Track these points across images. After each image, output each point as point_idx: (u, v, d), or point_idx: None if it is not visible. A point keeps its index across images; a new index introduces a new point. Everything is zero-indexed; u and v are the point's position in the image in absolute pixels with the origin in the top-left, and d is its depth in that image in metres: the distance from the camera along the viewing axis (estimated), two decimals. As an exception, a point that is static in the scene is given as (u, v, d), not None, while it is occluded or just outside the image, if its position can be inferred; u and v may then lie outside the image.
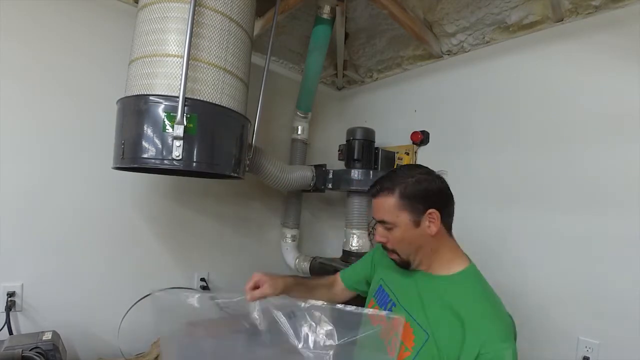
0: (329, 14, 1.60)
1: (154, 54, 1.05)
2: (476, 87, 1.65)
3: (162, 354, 1.07)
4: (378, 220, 0.87)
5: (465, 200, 1.65)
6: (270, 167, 1.54)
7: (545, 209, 1.38)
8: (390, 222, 0.84)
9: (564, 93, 1.36)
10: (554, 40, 1.40)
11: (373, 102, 2.22)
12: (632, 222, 1.17)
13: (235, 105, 1.16)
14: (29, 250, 1.33)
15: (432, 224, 0.82)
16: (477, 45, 1.66)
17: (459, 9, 1.53)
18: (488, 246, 1.55)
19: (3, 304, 1.26)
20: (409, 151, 1.87)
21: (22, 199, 1.31)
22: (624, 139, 1.21)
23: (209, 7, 1.07)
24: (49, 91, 1.35)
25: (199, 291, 1.29)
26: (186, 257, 1.73)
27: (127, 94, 1.10)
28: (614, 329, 1.19)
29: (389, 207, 0.83)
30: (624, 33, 1.23)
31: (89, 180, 1.44)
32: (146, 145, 1.03)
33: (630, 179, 1.18)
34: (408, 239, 0.84)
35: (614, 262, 1.20)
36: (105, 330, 1.48)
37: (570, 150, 1.33)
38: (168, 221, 1.66)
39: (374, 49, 1.97)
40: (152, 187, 1.60)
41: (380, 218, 0.86)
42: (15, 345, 1.09)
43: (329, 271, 1.70)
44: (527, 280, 1.41)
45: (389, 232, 0.85)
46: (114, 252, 1.51)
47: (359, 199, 1.77)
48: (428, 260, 0.88)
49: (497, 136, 1.56)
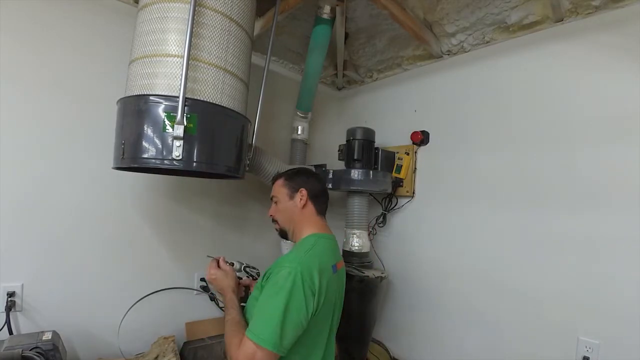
0: (329, 14, 1.60)
1: (154, 54, 1.05)
2: (476, 87, 1.65)
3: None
4: (271, 197, 1.19)
5: (465, 200, 1.65)
6: (270, 167, 1.54)
7: (546, 209, 1.38)
8: (276, 196, 1.16)
9: (564, 93, 1.36)
10: (554, 40, 1.40)
11: (373, 102, 2.22)
12: (632, 222, 1.17)
13: (235, 105, 1.16)
14: (29, 251, 1.33)
15: (301, 200, 1.12)
16: (477, 45, 1.66)
17: (459, 9, 1.53)
18: (488, 246, 1.56)
19: (3, 304, 1.26)
20: (409, 151, 1.87)
21: (22, 199, 1.31)
22: (624, 139, 1.21)
23: (209, 7, 1.07)
24: (49, 91, 1.35)
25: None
26: (186, 257, 1.72)
27: (127, 93, 1.10)
28: (614, 329, 1.19)
29: (277, 186, 1.17)
30: (624, 33, 1.23)
31: (89, 181, 1.44)
32: (146, 145, 1.03)
33: (631, 179, 1.19)
34: (284, 209, 1.14)
35: (614, 262, 1.21)
36: (105, 330, 1.48)
37: (570, 150, 1.33)
38: (168, 221, 1.66)
39: (374, 49, 1.97)
40: (152, 187, 1.60)
41: (272, 194, 1.18)
42: (15, 345, 1.09)
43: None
44: (527, 280, 1.41)
45: (275, 205, 1.16)
46: (114, 252, 1.51)
47: (359, 199, 1.77)
48: (297, 232, 1.14)
49: (497, 136, 1.56)
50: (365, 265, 1.73)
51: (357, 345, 1.72)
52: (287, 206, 1.13)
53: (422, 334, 1.80)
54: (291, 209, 1.13)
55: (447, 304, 1.69)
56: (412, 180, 1.87)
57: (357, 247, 1.74)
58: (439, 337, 1.72)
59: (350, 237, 1.76)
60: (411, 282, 1.87)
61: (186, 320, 1.69)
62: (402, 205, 1.93)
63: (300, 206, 1.11)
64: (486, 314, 1.53)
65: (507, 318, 1.46)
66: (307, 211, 1.13)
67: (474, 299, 1.59)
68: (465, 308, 1.62)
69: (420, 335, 1.81)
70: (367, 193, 1.80)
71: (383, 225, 2.00)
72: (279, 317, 0.86)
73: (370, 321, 1.70)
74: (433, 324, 1.75)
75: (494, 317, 1.51)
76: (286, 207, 1.13)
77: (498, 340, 1.49)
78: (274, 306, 0.88)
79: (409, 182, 1.87)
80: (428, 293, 1.78)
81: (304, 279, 0.91)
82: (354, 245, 1.74)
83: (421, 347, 1.80)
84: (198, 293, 1.76)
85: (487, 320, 1.53)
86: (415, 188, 1.88)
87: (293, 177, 1.16)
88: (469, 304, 1.60)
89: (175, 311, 1.68)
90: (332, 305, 1.05)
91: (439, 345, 1.72)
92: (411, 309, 1.86)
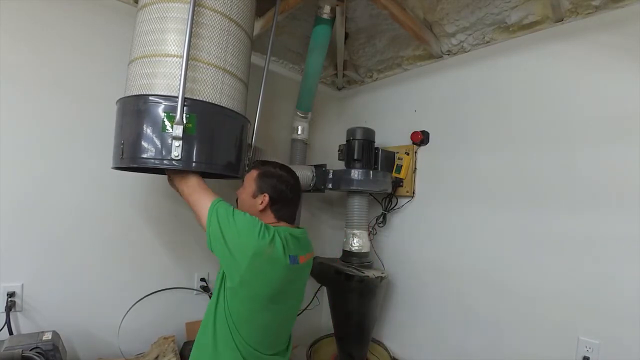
0: (329, 14, 1.60)
1: (153, 54, 1.05)
2: (476, 87, 1.65)
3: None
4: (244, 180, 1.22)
5: (465, 200, 1.65)
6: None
7: (546, 209, 1.37)
8: (244, 185, 1.19)
9: (564, 93, 1.36)
10: (554, 40, 1.40)
11: (373, 102, 2.22)
12: (632, 222, 1.17)
13: (234, 105, 1.16)
14: (29, 251, 1.33)
15: (261, 204, 1.13)
16: (477, 45, 1.66)
17: (459, 9, 1.52)
18: (488, 246, 1.55)
19: (3, 304, 1.26)
20: (409, 151, 1.87)
21: (22, 199, 1.31)
22: (624, 139, 1.21)
23: (208, 7, 1.07)
24: (49, 91, 1.35)
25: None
26: (186, 257, 1.73)
27: (126, 93, 1.10)
28: (614, 329, 1.19)
29: (249, 177, 1.18)
30: (624, 33, 1.23)
31: (89, 181, 1.44)
32: (145, 145, 1.03)
33: (631, 179, 1.18)
34: (245, 200, 1.17)
35: (614, 262, 1.20)
36: (105, 330, 1.48)
37: (570, 150, 1.33)
38: (168, 221, 1.66)
39: (374, 49, 1.97)
40: (152, 187, 1.60)
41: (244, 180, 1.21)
42: (15, 345, 1.09)
43: (328, 271, 1.70)
44: (527, 280, 1.41)
45: (242, 189, 1.20)
46: (114, 252, 1.51)
47: (359, 199, 1.77)
48: None
49: (497, 136, 1.55)
50: (365, 265, 1.73)
51: (357, 345, 1.72)
52: (247, 201, 1.16)
53: (422, 334, 1.80)
54: (250, 205, 1.15)
55: (447, 304, 1.69)
56: (412, 180, 1.87)
57: (357, 247, 1.74)
58: (439, 337, 1.72)
59: (350, 237, 1.76)
60: (411, 282, 1.87)
61: (186, 320, 1.69)
62: (402, 205, 1.93)
63: (259, 209, 1.13)
64: (486, 313, 1.53)
65: (507, 318, 1.46)
66: (264, 215, 1.14)
67: (474, 298, 1.58)
68: (465, 308, 1.62)
69: (420, 335, 1.81)
70: (367, 193, 1.80)
71: (383, 225, 2.00)
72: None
73: (370, 321, 1.70)
74: (433, 324, 1.75)
75: (494, 317, 1.50)
76: (246, 201, 1.16)
77: (498, 340, 1.49)
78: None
79: (409, 182, 1.87)
80: (428, 293, 1.78)
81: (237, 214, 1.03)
82: (353, 245, 1.74)
83: (421, 347, 1.80)
84: (198, 293, 1.76)
85: (487, 320, 1.53)
86: (415, 188, 1.88)
87: (265, 177, 1.15)
88: (469, 304, 1.60)
89: (175, 311, 1.68)
90: (277, 290, 1.07)
91: (439, 345, 1.72)
92: (411, 309, 1.86)
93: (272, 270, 1.03)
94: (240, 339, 1.04)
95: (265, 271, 1.02)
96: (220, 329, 1.05)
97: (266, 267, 1.01)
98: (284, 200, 1.16)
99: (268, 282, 1.04)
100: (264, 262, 1.00)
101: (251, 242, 0.98)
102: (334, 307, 1.75)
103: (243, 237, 0.99)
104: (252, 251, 0.98)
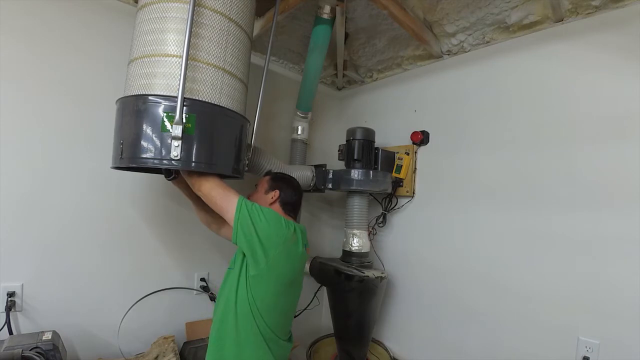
0: (329, 14, 1.60)
1: (153, 54, 1.05)
2: (476, 87, 1.65)
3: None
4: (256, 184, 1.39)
5: (465, 200, 1.65)
6: (270, 167, 1.53)
7: (546, 209, 1.37)
8: (258, 185, 1.36)
9: (563, 93, 1.36)
10: (554, 40, 1.40)
11: (373, 102, 2.22)
12: (632, 222, 1.17)
13: (234, 105, 1.16)
14: (29, 251, 1.33)
15: (272, 198, 1.30)
16: (477, 45, 1.66)
17: (459, 9, 1.52)
18: (487, 246, 1.55)
19: (3, 304, 1.26)
20: (409, 151, 1.87)
21: (22, 199, 1.31)
22: (624, 139, 1.21)
23: (208, 7, 1.07)
24: (49, 91, 1.36)
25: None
26: (186, 257, 1.73)
27: (126, 93, 1.10)
28: (614, 329, 1.19)
29: (263, 180, 1.36)
30: (624, 33, 1.23)
31: (89, 180, 1.44)
32: (145, 145, 1.03)
33: (631, 179, 1.18)
34: (259, 197, 1.32)
35: (613, 262, 1.20)
36: (105, 330, 1.48)
37: (569, 150, 1.33)
38: (168, 221, 1.67)
39: (374, 49, 1.97)
40: (152, 186, 1.60)
41: (257, 183, 1.39)
42: (15, 345, 1.09)
43: (328, 271, 1.70)
44: (526, 280, 1.41)
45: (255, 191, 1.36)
46: (113, 252, 1.51)
47: (359, 199, 1.77)
48: None
49: (497, 136, 1.55)
50: (365, 265, 1.73)
51: (357, 345, 1.72)
52: (261, 196, 1.31)
53: (422, 334, 1.80)
54: (263, 200, 1.29)
55: (447, 304, 1.69)
56: (412, 180, 1.87)
57: (357, 247, 1.74)
58: (439, 337, 1.72)
59: (350, 237, 1.76)
60: (411, 282, 1.87)
61: (186, 320, 1.69)
62: (402, 205, 1.93)
63: (269, 202, 1.29)
64: (486, 314, 1.53)
65: (507, 318, 1.46)
66: (274, 206, 1.30)
67: (473, 298, 1.58)
68: (465, 308, 1.62)
69: (420, 335, 1.81)
70: (367, 193, 1.80)
71: (383, 225, 2.00)
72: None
73: (370, 321, 1.69)
74: (433, 323, 1.75)
75: (494, 317, 1.50)
76: (260, 197, 1.32)
77: (498, 341, 1.49)
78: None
79: (409, 182, 1.87)
80: (428, 293, 1.78)
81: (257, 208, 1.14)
82: (353, 245, 1.74)
83: (421, 347, 1.80)
84: (198, 293, 1.76)
85: (487, 320, 1.53)
86: (415, 188, 1.88)
87: (277, 180, 1.34)
88: (469, 304, 1.60)
89: (175, 311, 1.68)
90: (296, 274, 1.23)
91: (439, 345, 1.72)
92: (411, 309, 1.86)
93: (295, 256, 1.19)
94: (263, 324, 1.15)
95: (290, 256, 1.17)
96: (242, 317, 1.15)
97: (292, 252, 1.17)
98: (290, 201, 1.33)
99: (291, 266, 1.19)
100: (290, 247, 1.16)
101: (281, 230, 1.14)
102: (334, 307, 1.75)
103: (272, 227, 1.13)
104: (282, 238, 1.14)
